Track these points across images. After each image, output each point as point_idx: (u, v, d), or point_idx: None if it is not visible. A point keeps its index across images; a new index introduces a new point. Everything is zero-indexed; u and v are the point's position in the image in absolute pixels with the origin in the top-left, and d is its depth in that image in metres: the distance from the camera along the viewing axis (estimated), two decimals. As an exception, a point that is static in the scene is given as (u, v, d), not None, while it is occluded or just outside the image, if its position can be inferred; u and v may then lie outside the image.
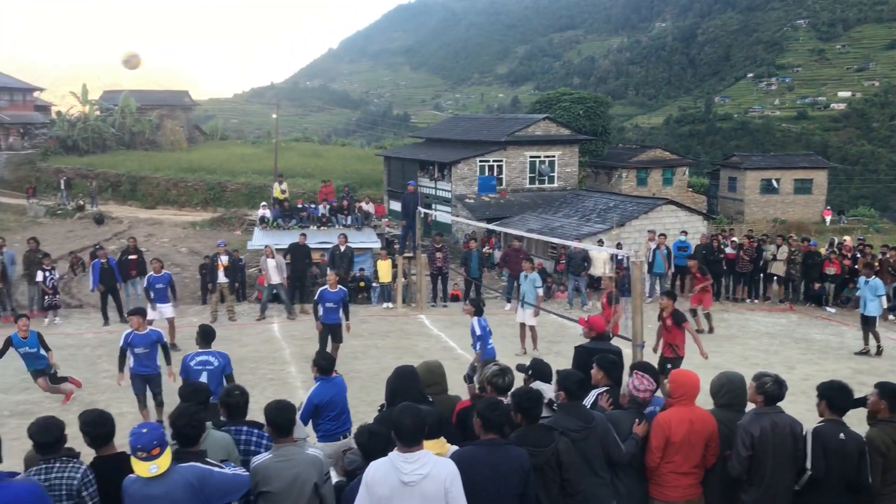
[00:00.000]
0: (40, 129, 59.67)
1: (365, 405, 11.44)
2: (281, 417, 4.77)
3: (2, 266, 17.31)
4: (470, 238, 21.92)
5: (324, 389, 7.00)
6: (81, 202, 42.17)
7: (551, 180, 37.53)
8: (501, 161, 36.66)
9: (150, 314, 14.73)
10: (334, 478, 5.31)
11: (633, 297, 8.97)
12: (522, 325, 14.72)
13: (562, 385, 5.26)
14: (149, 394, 10.32)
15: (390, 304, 19.72)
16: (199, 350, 8.63)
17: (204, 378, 8.60)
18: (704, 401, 5.55)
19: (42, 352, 11.36)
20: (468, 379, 8.36)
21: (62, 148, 52.89)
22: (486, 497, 4.37)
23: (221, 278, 17.65)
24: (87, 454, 4.77)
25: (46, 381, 11.48)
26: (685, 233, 21.60)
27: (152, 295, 14.97)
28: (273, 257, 18.03)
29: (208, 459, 4.45)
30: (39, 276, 17.00)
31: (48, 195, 44.61)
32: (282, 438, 4.78)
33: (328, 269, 18.64)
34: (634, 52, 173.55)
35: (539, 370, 6.20)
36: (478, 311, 10.46)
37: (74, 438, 4.80)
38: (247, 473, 4.47)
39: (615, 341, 8.51)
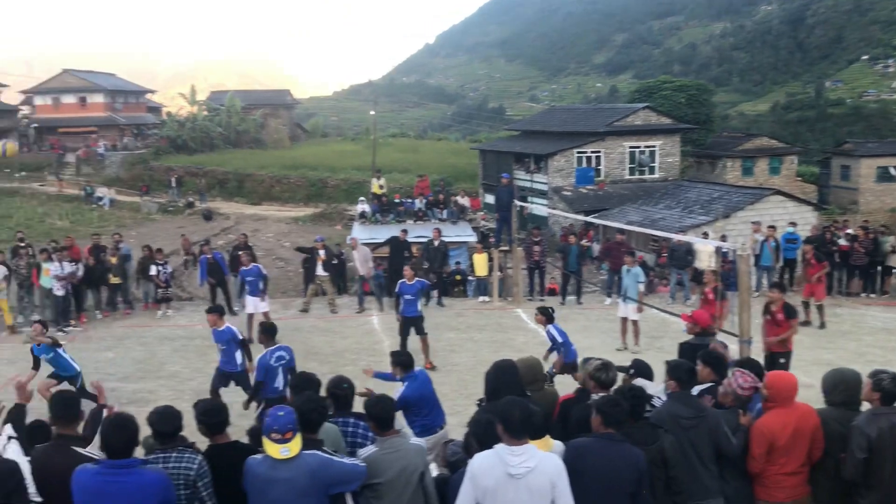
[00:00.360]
0: (152, 130, 62.70)
1: (463, 398, 11.47)
2: (383, 411, 4.83)
3: (120, 260, 18.21)
4: (569, 232, 21.64)
5: (414, 387, 6.97)
6: (191, 199, 44.03)
7: (652, 171, 36.71)
8: (600, 152, 36.08)
9: (249, 308, 15.18)
10: (434, 470, 5.33)
11: (741, 291, 8.64)
12: (624, 320, 14.45)
13: (672, 374, 5.23)
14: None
15: (486, 298, 19.70)
16: (273, 347, 8.79)
17: (280, 374, 8.83)
18: (813, 398, 5.31)
19: (62, 356, 10.29)
20: (548, 378, 8.26)
21: (172, 147, 55.28)
22: (597, 490, 4.36)
23: (320, 271, 18.01)
24: (200, 442, 4.94)
25: (47, 383, 10.07)
26: (794, 224, 20.68)
27: (247, 289, 15.33)
28: (357, 249, 18.37)
29: (325, 448, 4.54)
30: (153, 270, 17.83)
31: (160, 193, 46.77)
32: (385, 431, 4.83)
33: (423, 262, 18.82)
34: (738, 38, 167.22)
35: (640, 368, 6.08)
36: (549, 318, 10.20)
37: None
38: (363, 465, 4.52)
39: (721, 337, 8.22)
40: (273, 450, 4.22)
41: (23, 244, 18.19)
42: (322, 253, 18.04)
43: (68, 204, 43.69)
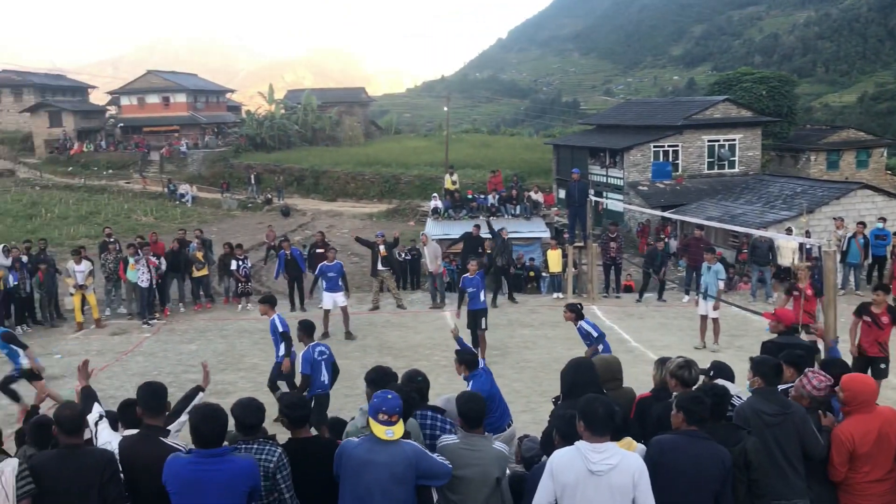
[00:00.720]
0: (232, 128, 64.28)
1: (537, 395, 11.42)
2: (472, 410, 4.81)
3: (204, 253, 18.67)
4: (649, 232, 21.20)
5: (482, 385, 6.79)
6: (269, 195, 45.02)
7: (732, 165, 35.76)
8: (677, 146, 35.32)
9: (326, 303, 15.31)
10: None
11: (826, 289, 8.33)
12: (703, 318, 14.10)
13: (757, 370, 5.11)
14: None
15: (560, 295, 19.52)
16: (313, 343, 9.14)
17: (324, 369, 9.01)
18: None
19: (17, 351, 10.41)
20: None
21: (251, 145, 56.64)
22: (683, 487, 4.29)
23: (381, 267, 18.06)
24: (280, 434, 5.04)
25: (43, 385, 10.58)
26: (884, 220, 19.83)
27: (324, 284, 15.45)
28: (427, 245, 18.44)
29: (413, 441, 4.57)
30: (233, 265, 18.27)
31: (239, 189, 48.01)
32: (472, 429, 4.82)
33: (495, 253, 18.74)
34: (823, 26, 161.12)
35: (720, 370, 5.93)
36: (579, 315, 9.84)
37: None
38: (450, 466, 4.51)
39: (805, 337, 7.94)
40: (379, 430, 4.28)
41: (111, 240, 18.89)
42: (382, 248, 18.03)
43: (152, 201, 45.28)
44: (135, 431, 4.92)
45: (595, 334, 9.71)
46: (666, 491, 4.22)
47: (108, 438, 5.02)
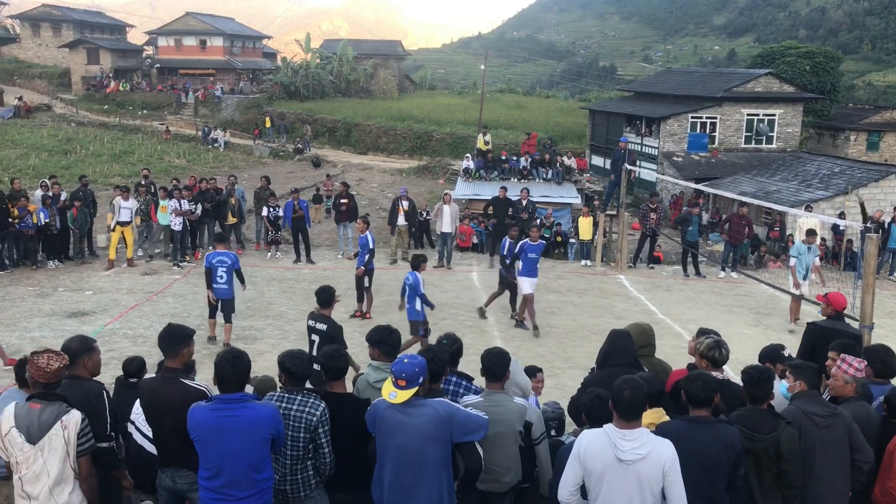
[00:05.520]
0: (267, 75, 64.06)
1: (561, 361, 11.47)
2: (497, 365, 4.85)
3: (238, 203, 18.85)
4: (691, 202, 20.96)
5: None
6: (299, 145, 44.97)
7: (769, 140, 35.09)
8: (715, 118, 34.72)
9: (526, 288, 13.03)
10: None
11: (865, 274, 8.22)
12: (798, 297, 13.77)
13: (799, 374, 4.92)
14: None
15: (589, 262, 19.47)
16: (216, 250, 11.46)
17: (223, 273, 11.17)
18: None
19: None
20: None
21: (285, 93, 56.38)
22: (694, 474, 4.17)
23: (401, 221, 18.42)
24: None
25: None
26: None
27: (520, 266, 13.11)
28: (449, 204, 18.40)
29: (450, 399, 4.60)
30: (265, 212, 18.41)
31: (271, 137, 48.07)
32: (493, 384, 4.87)
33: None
34: (874, 2, 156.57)
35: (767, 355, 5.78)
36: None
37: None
38: (486, 417, 4.52)
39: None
40: (386, 392, 4.35)
41: (144, 181, 18.97)
42: (405, 204, 18.48)
43: (186, 143, 45.45)
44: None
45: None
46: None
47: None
